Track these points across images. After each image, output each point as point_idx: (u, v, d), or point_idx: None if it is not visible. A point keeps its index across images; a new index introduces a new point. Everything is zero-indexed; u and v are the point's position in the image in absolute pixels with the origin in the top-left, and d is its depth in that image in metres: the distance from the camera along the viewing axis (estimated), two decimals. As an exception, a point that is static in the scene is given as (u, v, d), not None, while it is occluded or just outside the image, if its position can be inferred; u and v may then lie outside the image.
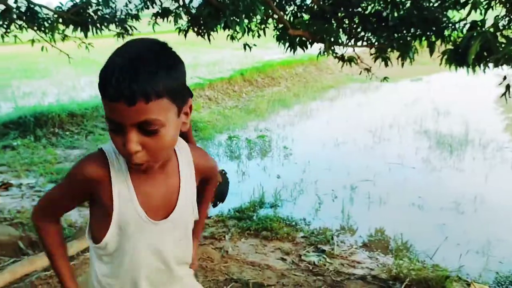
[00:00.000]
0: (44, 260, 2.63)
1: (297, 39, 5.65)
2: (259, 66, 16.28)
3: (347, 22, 6.00)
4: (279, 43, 5.99)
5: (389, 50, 5.49)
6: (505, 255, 4.89)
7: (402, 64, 5.33)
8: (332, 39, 5.60)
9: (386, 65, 5.66)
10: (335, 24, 5.89)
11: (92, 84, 14.71)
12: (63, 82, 15.36)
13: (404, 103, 12.42)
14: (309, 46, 5.82)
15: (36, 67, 18.93)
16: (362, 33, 5.94)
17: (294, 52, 5.97)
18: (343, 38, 5.99)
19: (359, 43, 6.03)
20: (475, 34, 4.02)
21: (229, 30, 5.03)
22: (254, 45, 6.55)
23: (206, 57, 19.70)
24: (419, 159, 8.09)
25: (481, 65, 4.37)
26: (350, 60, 6.52)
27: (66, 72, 16.98)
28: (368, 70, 6.57)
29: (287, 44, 5.83)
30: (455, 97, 12.32)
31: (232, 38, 6.62)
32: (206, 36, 6.24)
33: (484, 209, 6.04)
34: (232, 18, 4.55)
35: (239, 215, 6.30)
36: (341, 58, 6.53)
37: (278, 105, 13.46)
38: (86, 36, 6.08)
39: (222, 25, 4.76)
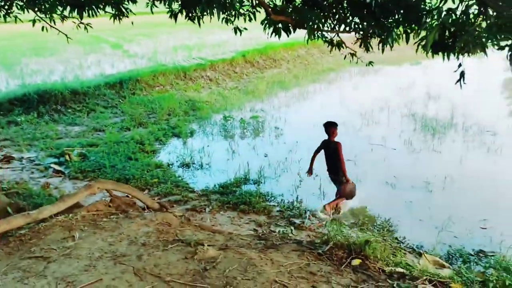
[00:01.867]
0: (19, 221, 3.07)
1: (281, 24, 5.86)
2: (260, 48, 16.49)
3: (335, 7, 6.21)
4: (264, 28, 6.21)
5: (372, 35, 5.71)
6: (461, 231, 5.22)
7: (382, 50, 5.55)
8: (315, 26, 5.81)
9: (367, 50, 5.89)
10: (326, 10, 6.10)
11: (99, 63, 15.15)
12: (70, 60, 15.82)
13: (399, 86, 12.59)
14: (292, 31, 6.03)
15: (46, 45, 19.38)
16: (350, 19, 6.16)
17: (279, 37, 6.18)
18: (331, 23, 6.22)
19: (346, 29, 6.25)
20: (434, 23, 4.26)
21: (205, 14, 5.31)
22: (245, 28, 6.81)
23: (212, 38, 19.94)
24: (402, 141, 8.37)
25: (455, 53, 4.61)
26: (339, 44, 6.77)
27: (75, 50, 17.42)
28: (353, 55, 6.81)
29: (271, 29, 6.07)
30: (451, 82, 12.37)
31: (227, 21, 6.90)
32: (196, 20, 6.53)
33: (452, 188, 6.35)
34: (208, 4, 4.84)
35: (223, 190, 6.72)
36: (330, 43, 6.78)
37: (277, 87, 13.74)
38: (81, 18, 6.36)
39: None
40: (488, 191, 6.23)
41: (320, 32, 6.44)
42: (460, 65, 4.48)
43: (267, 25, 6.13)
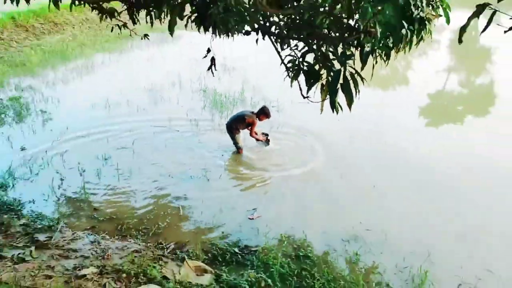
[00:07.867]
0: None
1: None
2: (37, 9, 13.64)
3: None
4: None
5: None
6: (231, 225, 4.81)
7: (151, 24, 4.69)
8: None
9: (134, 23, 4.90)
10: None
11: None
12: None
13: (195, 57, 11.92)
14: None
15: None
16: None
17: (17, 4, 4.67)
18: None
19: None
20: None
21: None
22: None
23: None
24: (188, 121, 7.72)
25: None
26: (111, 12, 5.54)
27: None
28: (123, 26, 5.71)
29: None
30: (246, 53, 12.18)
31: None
32: None
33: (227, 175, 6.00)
34: None
35: None
36: (100, 10, 5.49)
37: (56, 58, 11.57)
38: None
39: None
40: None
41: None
42: (208, 50, 4.01)
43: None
